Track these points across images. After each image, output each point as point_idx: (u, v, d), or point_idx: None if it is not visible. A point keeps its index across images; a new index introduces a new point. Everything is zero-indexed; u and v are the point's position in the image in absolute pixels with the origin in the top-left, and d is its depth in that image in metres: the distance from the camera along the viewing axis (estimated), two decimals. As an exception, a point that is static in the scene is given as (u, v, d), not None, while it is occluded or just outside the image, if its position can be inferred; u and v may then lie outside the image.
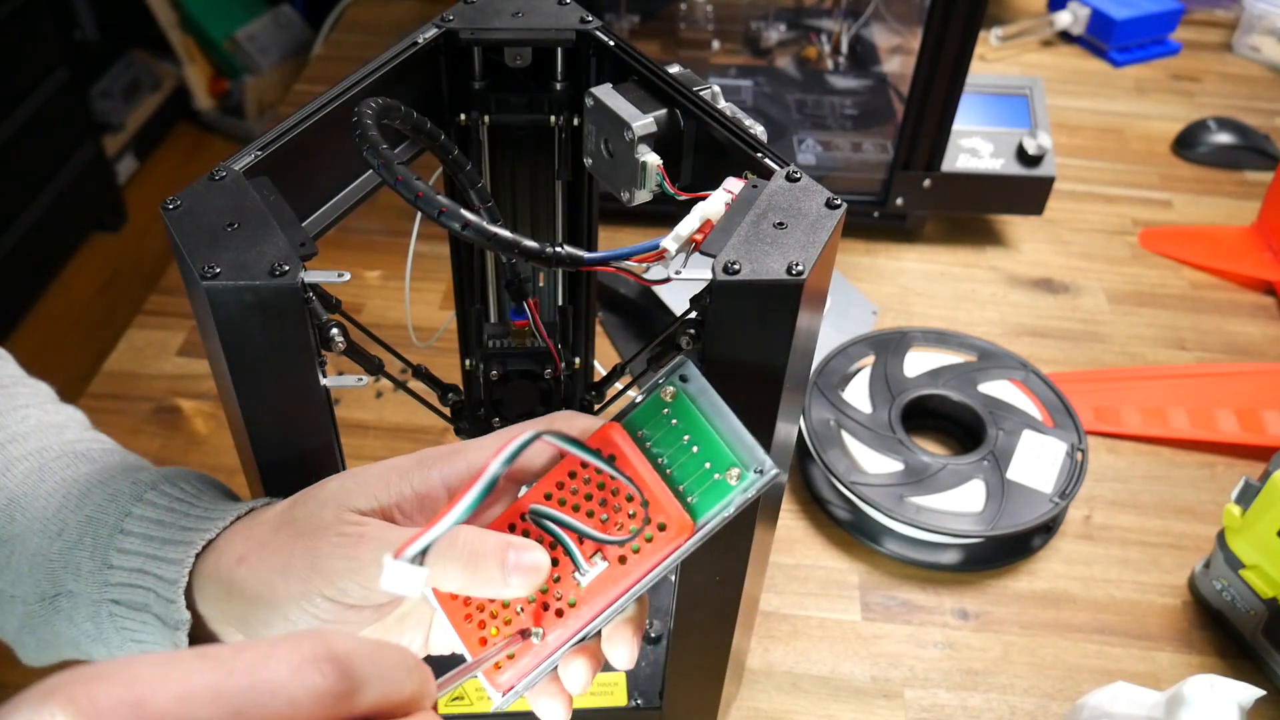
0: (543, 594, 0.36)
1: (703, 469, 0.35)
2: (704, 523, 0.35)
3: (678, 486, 0.35)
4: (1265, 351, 0.89)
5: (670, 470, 0.36)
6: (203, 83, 2.35)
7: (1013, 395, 0.78)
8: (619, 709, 0.58)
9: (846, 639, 0.67)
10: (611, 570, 0.35)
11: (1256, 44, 1.28)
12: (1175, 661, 0.66)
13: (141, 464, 0.46)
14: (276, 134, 0.40)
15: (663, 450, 0.36)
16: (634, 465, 0.35)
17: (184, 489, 0.42)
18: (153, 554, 0.40)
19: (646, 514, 0.35)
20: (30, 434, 0.46)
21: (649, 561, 0.35)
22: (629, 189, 0.43)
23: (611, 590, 0.35)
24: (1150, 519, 0.75)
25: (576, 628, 0.35)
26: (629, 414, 0.37)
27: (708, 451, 0.35)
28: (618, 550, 0.35)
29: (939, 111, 0.86)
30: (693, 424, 0.36)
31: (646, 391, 0.37)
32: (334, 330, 0.36)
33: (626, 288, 0.88)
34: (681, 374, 0.36)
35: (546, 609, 0.36)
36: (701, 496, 0.35)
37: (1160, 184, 1.08)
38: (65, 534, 0.41)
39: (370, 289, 0.90)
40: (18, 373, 0.51)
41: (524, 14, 0.46)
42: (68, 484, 0.43)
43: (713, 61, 1.11)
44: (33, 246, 1.89)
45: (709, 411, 0.36)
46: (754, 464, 0.35)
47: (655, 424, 0.36)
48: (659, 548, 0.35)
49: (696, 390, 0.36)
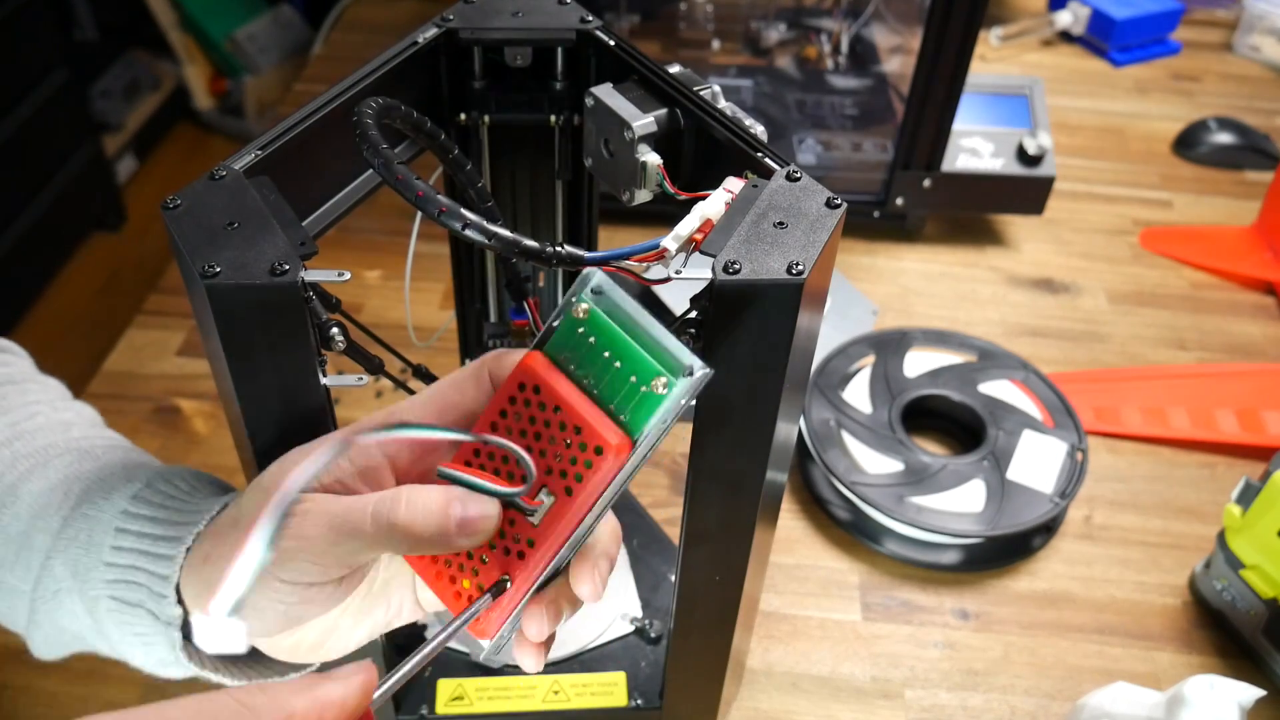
0: (502, 539, 0.36)
1: (629, 383, 0.34)
2: (642, 437, 0.34)
3: (609, 405, 0.34)
4: (1265, 351, 0.89)
5: (597, 390, 0.35)
6: (203, 83, 2.35)
7: (1013, 395, 0.78)
8: (619, 709, 0.58)
9: (846, 639, 0.67)
10: (560, 504, 0.35)
11: (1257, 44, 1.28)
12: (1175, 661, 0.66)
13: (143, 460, 0.47)
14: (276, 134, 0.40)
15: (586, 371, 0.35)
16: (559, 392, 0.34)
17: (179, 486, 0.43)
18: (145, 550, 0.40)
19: (581, 440, 0.34)
20: (38, 431, 0.46)
21: (594, 488, 0.34)
22: (629, 189, 0.43)
23: (564, 524, 0.35)
24: (1150, 519, 0.75)
25: (542, 566, 0.35)
26: (549, 338, 0.36)
27: (631, 365, 0.34)
28: (561, 482, 0.35)
29: (939, 111, 0.86)
30: (612, 339, 0.34)
31: (559, 312, 0.35)
32: (334, 330, 0.36)
33: (626, 288, 0.88)
34: (593, 287, 0.35)
35: (508, 554, 0.36)
36: (633, 412, 0.34)
37: (1160, 184, 1.08)
38: (65, 531, 0.42)
39: (370, 289, 0.90)
40: (30, 370, 0.51)
41: (524, 14, 0.46)
42: (69, 481, 0.43)
43: (713, 61, 1.11)
44: (33, 246, 1.89)
45: (627, 322, 0.34)
46: (680, 368, 0.33)
47: (575, 345, 0.35)
48: (600, 472, 0.34)
49: (611, 303, 0.35)
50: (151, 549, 0.40)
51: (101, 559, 0.41)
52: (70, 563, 0.41)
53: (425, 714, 0.57)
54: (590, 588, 0.36)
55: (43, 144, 1.88)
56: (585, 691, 0.59)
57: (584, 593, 0.36)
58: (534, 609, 0.36)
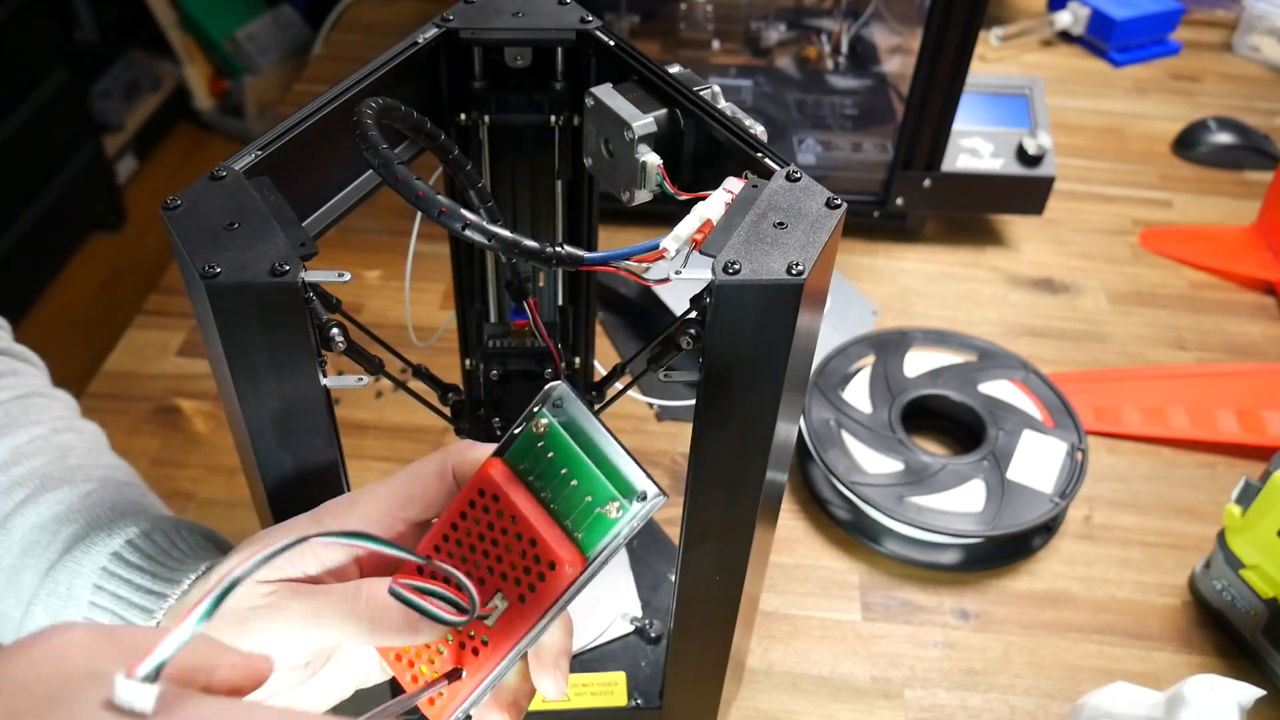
0: (458, 634, 0.37)
1: (584, 503, 0.35)
2: (594, 556, 0.35)
3: (564, 521, 0.35)
4: (1265, 351, 0.89)
5: (554, 505, 0.35)
6: (203, 83, 2.35)
7: (1013, 395, 0.78)
8: (619, 709, 0.58)
9: (846, 639, 0.67)
10: (514, 609, 0.36)
11: (1256, 44, 1.28)
12: (1175, 661, 0.66)
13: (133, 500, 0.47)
14: (276, 134, 0.40)
15: (544, 484, 0.35)
16: (516, 504, 0.35)
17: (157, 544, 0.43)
18: (120, 615, 0.41)
19: (535, 553, 0.35)
20: (35, 455, 0.46)
21: (545, 600, 0.35)
22: (629, 189, 0.43)
23: (516, 629, 0.35)
24: (1150, 519, 0.75)
25: (491, 666, 0.36)
26: (509, 446, 0.36)
27: (586, 485, 0.35)
28: (515, 589, 0.35)
29: (939, 111, 0.86)
30: (568, 456, 0.35)
31: (520, 422, 0.36)
32: (334, 330, 0.36)
33: (626, 288, 0.88)
34: (554, 400, 0.35)
35: (464, 648, 0.37)
36: (587, 531, 0.35)
37: (1160, 184, 1.08)
38: (47, 581, 0.43)
39: (370, 289, 0.90)
40: (42, 383, 0.52)
41: (524, 14, 0.46)
42: (59, 520, 0.44)
43: (713, 61, 1.11)
44: (33, 246, 1.89)
45: (584, 440, 0.35)
46: (633, 493, 0.34)
47: (533, 457, 0.36)
48: (552, 586, 0.35)
49: (570, 417, 0.35)
50: (126, 614, 0.41)
51: (80, 613, 0.42)
52: (51, 613, 0.42)
53: (425, 714, 0.57)
54: (553, 685, 0.37)
55: (43, 144, 1.88)
56: (585, 691, 0.59)
57: (547, 690, 0.37)
58: (495, 712, 0.37)
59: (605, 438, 0.35)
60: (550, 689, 0.37)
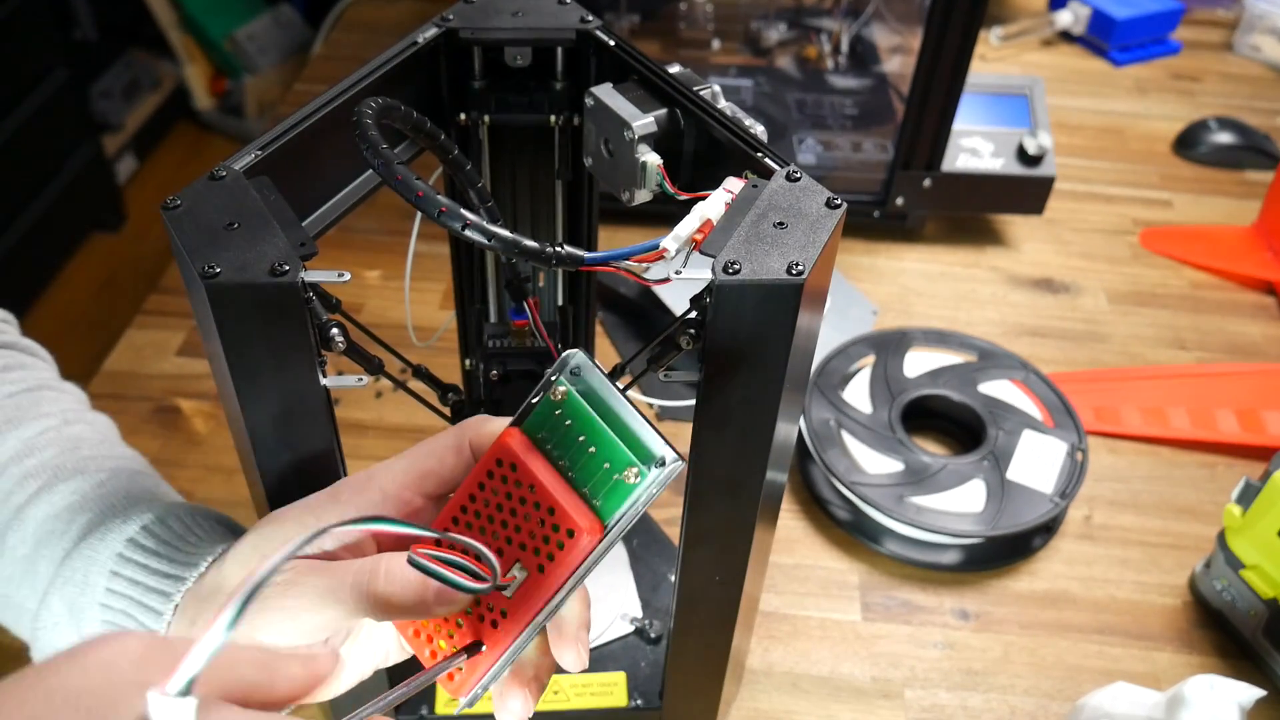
0: (477, 605, 0.37)
1: (603, 469, 0.35)
2: (613, 523, 0.35)
3: (582, 489, 0.35)
4: (1265, 351, 0.89)
5: (572, 473, 0.35)
6: (203, 82, 2.35)
7: (1013, 395, 0.78)
8: (619, 709, 0.58)
9: (846, 639, 0.67)
10: (532, 579, 0.35)
11: (1257, 43, 1.28)
12: (1175, 661, 0.66)
13: (147, 488, 0.47)
14: (276, 134, 0.40)
15: (562, 453, 0.35)
16: (535, 473, 0.35)
17: (172, 529, 0.43)
18: (137, 600, 0.41)
19: (554, 521, 0.35)
20: (48, 447, 0.46)
21: (564, 570, 0.35)
22: (629, 189, 0.43)
23: (535, 600, 0.35)
24: (1150, 519, 0.75)
25: (512, 638, 0.36)
26: (527, 416, 0.36)
27: (605, 451, 0.35)
28: (534, 559, 0.35)
29: (939, 111, 0.86)
30: (586, 423, 0.35)
31: (538, 391, 0.36)
32: (334, 330, 0.36)
33: (626, 288, 0.88)
34: (572, 368, 0.35)
35: (483, 620, 0.37)
36: (605, 498, 0.35)
37: (1160, 184, 1.08)
38: (64, 569, 0.43)
39: (370, 289, 0.90)
40: (51, 376, 0.51)
41: (524, 13, 0.46)
42: (73, 510, 0.44)
43: (713, 61, 1.11)
44: (32, 246, 1.89)
45: (603, 408, 0.35)
46: (652, 459, 0.34)
47: (551, 426, 0.36)
48: (571, 554, 0.35)
49: (588, 385, 0.35)
50: (143, 599, 0.41)
51: (96, 600, 0.42)
52: (67, 601, 0.42)
53: (425, 714, 0.57)
54: (574, 658, 0.37)
55: (43, 144, 1.88)
56: (585, 691, 0.59)
57: (569, 663, 0.37)
58: (515, 689, 0.37)
59: (623, 405, 0.35)
60: (572, 662, 0.37)
